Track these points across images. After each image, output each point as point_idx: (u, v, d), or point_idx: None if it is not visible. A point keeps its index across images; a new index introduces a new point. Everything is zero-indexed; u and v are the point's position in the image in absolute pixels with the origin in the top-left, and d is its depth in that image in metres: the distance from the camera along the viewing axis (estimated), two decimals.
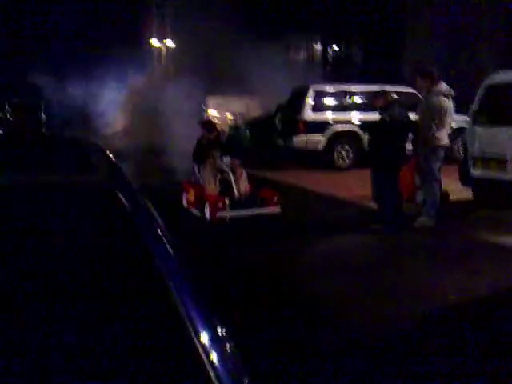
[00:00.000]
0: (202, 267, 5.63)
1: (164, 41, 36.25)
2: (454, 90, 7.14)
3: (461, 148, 11.48)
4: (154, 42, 36.65)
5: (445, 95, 7.00)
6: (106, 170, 2.16)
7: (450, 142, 7.39)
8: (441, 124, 6.94)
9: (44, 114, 29.29)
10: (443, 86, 7.05)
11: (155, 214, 1.87)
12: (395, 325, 4.21)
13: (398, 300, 4.71)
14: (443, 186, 7.40)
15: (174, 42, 35.03)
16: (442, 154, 7.10)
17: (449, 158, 8.46)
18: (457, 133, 10.27)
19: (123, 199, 1.71)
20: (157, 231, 1.72)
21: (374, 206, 8.38)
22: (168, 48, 35.85)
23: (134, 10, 34.10)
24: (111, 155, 2.66)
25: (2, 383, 1.23)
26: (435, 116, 6.89)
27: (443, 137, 7.01)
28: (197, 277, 1.69)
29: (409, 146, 7.24)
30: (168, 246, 1.65)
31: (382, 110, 6.91)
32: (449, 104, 7.03)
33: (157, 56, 37.27)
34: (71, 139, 3.51)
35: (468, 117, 8.41)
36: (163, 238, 1.69)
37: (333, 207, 8.75)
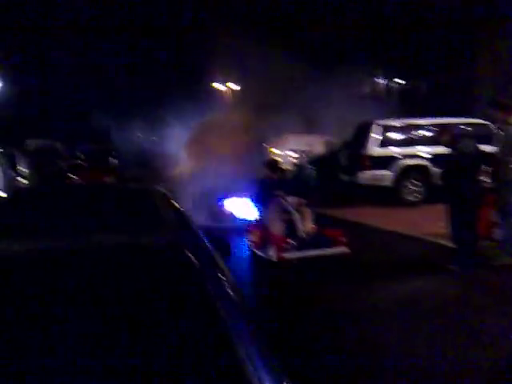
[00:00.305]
0: (267, 309, 5.43)
1: (227, 84, 37.03)
2: None
3: None
4: (217, 85, 37.47)
5: None
6: (174, 225, 2.07)
7: None
8: None
9: (114, 158, 30.36)
10: None
11: (222, 265, 1.77)
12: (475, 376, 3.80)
13: (476, 348, 4.28)
14: None
15: (237, 84, 35.72)
16: None
17: None
18: None
19: (191, 257, 1.62)
20: (224, 289, 1.67)
21: (448, 244, 7.95)
22: (232, 90, 36.56)
23: (198, 51, 34.97)
24: (178, 205, 2.55)
25: None
26: None
27: None
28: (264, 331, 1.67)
29: (486, 180, 6.79)
30: (235, 303, 1.62)
31: (449, 146, 6.60)
32: None
33: (221, 98, 38.01)
34: (138, 191, 3.39)
35: None
36: (230, 296, 1.64)
37: (404, 245, 8.33)
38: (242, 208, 9.31)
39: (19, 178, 12.77)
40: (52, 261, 1.56)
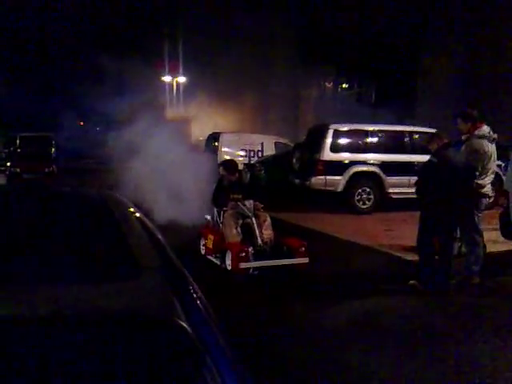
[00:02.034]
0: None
1: (176, 78, 36.27)
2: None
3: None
4: (166, 78, 36.67)
5: (488, 139, 6.40)
6: (150, 261, 1.58)
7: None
8: (484, 170, 6.33)
9: (55, 148, 29.01)
10: (486, 130, 6.46)
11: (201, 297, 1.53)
12: None
13: (432, 373, 4.01)
14: None
15: (186, 77, 35.06)
16: (484, 203, 6.47)
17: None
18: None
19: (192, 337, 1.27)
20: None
21: (405, 256, 7.77)
22: (180, 84, 35.87)
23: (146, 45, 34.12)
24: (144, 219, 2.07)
25: None
26: (478, 161, 6.28)
27: (486, 184, 6.39)
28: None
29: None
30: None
31: (435, 153, 6.20)
32: (492, 148, 6.43)
33: (168, 91, 37.22)
34: (91, 201, 2.33)
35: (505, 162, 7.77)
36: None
37: (361, 257, 8.04)
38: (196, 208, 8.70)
39: None
40: None
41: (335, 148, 12.39)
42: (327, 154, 12.31)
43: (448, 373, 4.06)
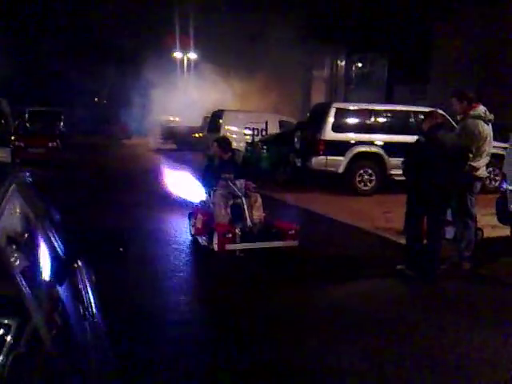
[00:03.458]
0: (194, 305, 4.88)
1: (187, 54, 36.01)
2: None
3: (497, 178, 10.61)
4: (178, 54, 36.45)
5: (483, 120, 6.12)
6: None
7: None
8: (478, 152, 6.06)
9: (62, 122, 28.99)
10: (482, 110, 6.17)
11: None
12: None
13: (415, 364, 3.83)
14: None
15: (197, 53, 34.78)
16: (478, 186, 6.21)
17: (484, 188, 7.58)
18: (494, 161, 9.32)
19: None
20: None
21: (398, 240, 7.55)
22: (190, 60, 35.62)
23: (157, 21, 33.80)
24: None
25: None
26: (472, 143, 6.01)
27: (481, 167, 6.12)
28: None
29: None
30: None
31: (426, 133, 5.87)
32: (488, 129, 6.15)
33: (179, 67, 37.03)
34: None
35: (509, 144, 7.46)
36: None
37: (353, 240, 7.85)
38: (186, 188, 8.45)
39: None
40: None
41: (337, 127, 12.09)
42: (329, 134, 12.03)
43: (422, 361, 3.88)
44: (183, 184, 8.31)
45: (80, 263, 2.40)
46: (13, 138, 18.79)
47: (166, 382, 3.53)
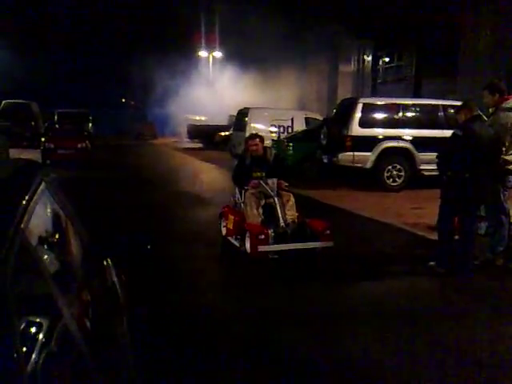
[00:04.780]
0: (229, 309, 4.85)
1: (212, 53, 36.15)
2: None
3: None
4: (203, 53, 36.62)
5: None
6: None
7: None
8: (511, 145, 5.91)
9: (90, 123, 29.40)
10: None
11: None
12: None
13: (446, 361, 3.75)
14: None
15: (221, 52, 34.88)
16: (511, 180, 6.07)
17: None
18: None
19: None
20: None
21: (428, 236, 7.43)
22: (215, 58, 35.77)
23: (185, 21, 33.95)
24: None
25: None
26: (505, 135, 5.87)
27: None
28: None
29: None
30: None
31: (460, 126, 5.73)
32: None
33: (204, 66, 37.22)
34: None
35: None
36: None
37: (384, 236, 7.73)
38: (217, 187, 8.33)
39: None
40: None
41: (364, 123, 11.96)
42: (356, 129, 11.91)
43: (447, 358, 3.81)
44: (213, 183, 8.26)
45: (109, 261, 2.41)
46: (43, 139, 19.14)
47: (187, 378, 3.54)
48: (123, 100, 52.87)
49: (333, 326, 4.47)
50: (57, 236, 2.09)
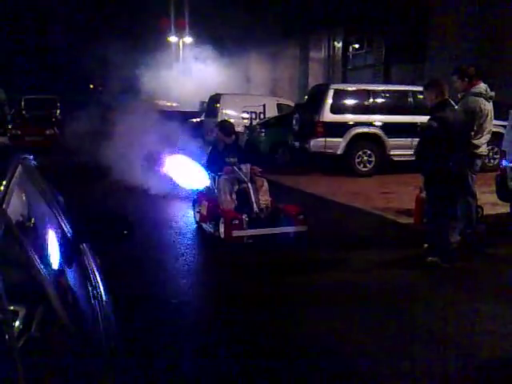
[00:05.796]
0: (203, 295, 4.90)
1: (182, 39, 35.78)
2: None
3: (496, 156, 10.60)
4: (173, 39, 36.22)
5: (484, 97, 6.10)
6: None
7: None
8: (479, 129, 6.05)
9: (58, 110, 28.83)
10: (483, 87, 6.15)
11: None
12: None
13: (431, 352, 3.86)
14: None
15: (192, 37, 34.55)
16: (479, 164, 6.22)
17: (483, 166, 7.56)
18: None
19: None
20: None
21: (397, 219, 7.61)
22: (185, 44, 35.43)
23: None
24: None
25: None
26: (473, 120, 5.99)
27: (481, 144, 6.12)
28: None
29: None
30: None
31: (432, 118, 5.57)
32: (489, 107, 6.13)
33: (175, 52, 36.81)
34: None
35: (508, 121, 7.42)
36: None
37: (356, 222, 7.83)
38: (188, 173, 8.25)
39: None
40: None
41: (335, 109, 12.06)
42: (327, 115, 12.00)
43: (416, 336, 3.92)
44: (186, 170, 8.22)
45: (85, 245, 2.41)
46: (9, 126, 18.77)
47: (163, 360, 3.57)
48: (91, 86, 51.97)
49: (304, 306, 4.55)
50: (32, 221, 2.07)
